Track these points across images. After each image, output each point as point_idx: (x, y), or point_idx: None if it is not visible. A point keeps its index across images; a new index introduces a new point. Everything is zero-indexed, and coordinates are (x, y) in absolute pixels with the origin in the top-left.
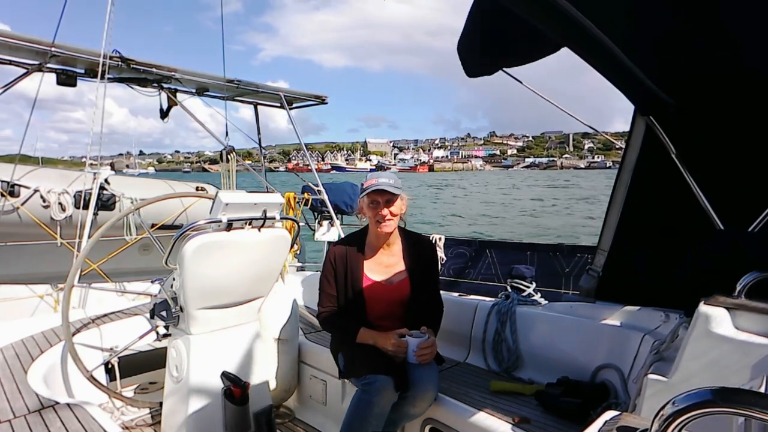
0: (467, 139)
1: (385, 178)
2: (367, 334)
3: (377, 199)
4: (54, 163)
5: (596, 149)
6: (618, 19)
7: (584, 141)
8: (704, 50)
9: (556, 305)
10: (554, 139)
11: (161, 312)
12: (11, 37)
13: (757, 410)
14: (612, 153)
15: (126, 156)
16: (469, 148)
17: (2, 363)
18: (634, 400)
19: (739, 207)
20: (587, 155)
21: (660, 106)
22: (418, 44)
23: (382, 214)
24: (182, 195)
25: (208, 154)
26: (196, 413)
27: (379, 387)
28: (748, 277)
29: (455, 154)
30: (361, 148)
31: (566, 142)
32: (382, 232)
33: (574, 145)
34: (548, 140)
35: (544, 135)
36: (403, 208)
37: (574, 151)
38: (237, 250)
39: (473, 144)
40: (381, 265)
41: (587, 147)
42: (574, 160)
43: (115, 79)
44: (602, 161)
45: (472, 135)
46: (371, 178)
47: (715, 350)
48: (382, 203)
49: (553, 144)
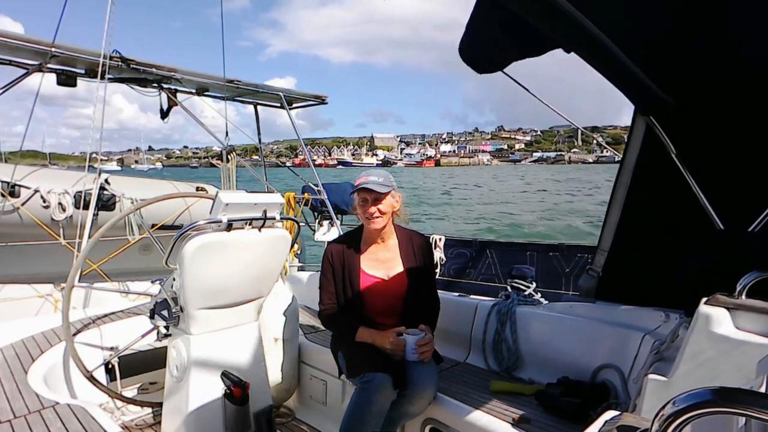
0: (475, 134)
1: (374, 176)
2: (365, 332)
3: (365, 197)
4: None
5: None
6: (618, 19)
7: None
8: (704, 50)
9: (556, 305)
10: (563, 134)
11: (161, 312)
12: (11, 37)
13: (757, 410)
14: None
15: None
16: (477, 143)
17: (2, 363)
18: (634, 400)
19: (739, 207)
20: (596, 149)
21: (660, 106)
22: (427, 39)
23: (370, 212)
24: (182, 195)
25: (215, 149)
26: (197, 413)
27: (377, 385)
28: (748, 277)
29: (462, 149)
30: (367, 143)
31: (575, 136)
32: (372, 229)
33: (582, 139)
34: (557, 134)
35: (552, 129)
36: (395, 205)
37: (582, 146)
38: (237, 250)
39: (481, 138)
40: (377, 261)
41: (596, 141)
42: (583, 154)
43: (115, 79)
44: (611, 155)
45: (479, 129)
46: (362, 175)
47: (715, 350)
48: (370, 201)
49: (561, 138)
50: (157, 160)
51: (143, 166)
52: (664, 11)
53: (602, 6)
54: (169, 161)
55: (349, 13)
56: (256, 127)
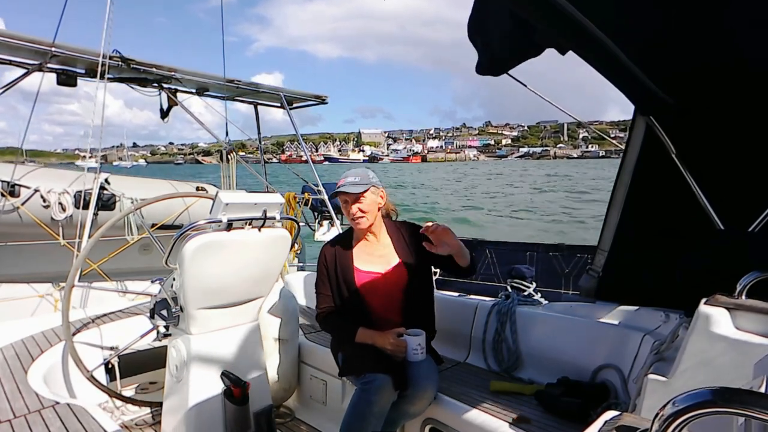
0: (462, 129)
1: (351, 177)
2: (365, 333)
3: (345, 198)
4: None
5: (591, 138)
6: (618, 17)
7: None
8: (705, 49)
9: (556, 305)
10: (549, 129)
11: (161, 312)
12: (11, 37)
13: (757, 410)
14: (606, 143)
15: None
16: (464, 138)
17: (2, 363)
18: (634, 400)
19: (739, 207)
20: (581, 144)
21: (660, 106)
22: (414, 35)
23: (352, 213)
24: (182, 195)
25: (202, 146)
26: (196, 413)
27: (378, 386)
28: (748, 277)
29: (449, 144)
30: (354, 138)
31: (561, 131)
32: (358, 229)
33: (568, 135)
34: (543, 130)
35: (539, 124)
36: (380, 202)
37: (568, 141)
38: (237, 250)
39: (468, 134)
40: (373, 257)
41: (581, 137)
42: (568, 149)
43: (115, 79)
44: (595, 151)
45: (467, 125)
46: (341, 177)
47: (715, 350)
48: (350, 202)
49: (547, 134)
50: (141, 157)
51: (126, 162)
52: (664, 10)
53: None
54: (153, 158)
55: (336, 8)
56: (247, 121)
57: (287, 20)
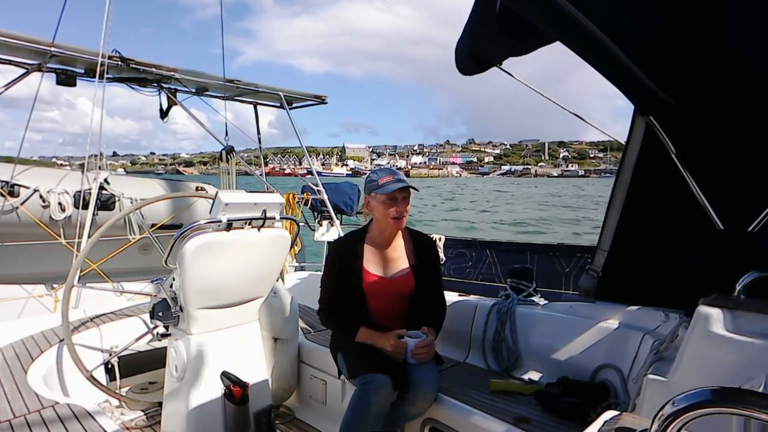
0: (446, 146)
1: (397, 174)
2: (366, 333)
3: (396, 195)
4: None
5: (571, 158)
6: (617, 17)
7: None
8: (705, 49)
9: (556, 305)
10: (530, 148)
11: (161, 312)
12: (11, 37)
13: (756, 410)
14: (585, 162)
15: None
16: (448, 155)
17: (2, 363)
18: (634, 400)
19: (739, 207)
20: (561, 164)
21: (660, 106)
22: (399, 53)
23: (399, 211)
24: (182, 195)
25: (183, 156)
26: (196, 413)
27: (377, 386)
28: (747, 277)
29: (433, 161)
30: (338, 152)
31: (542, 150)
32: (397, 228)
33: (549, 154)
34: (525, 148)
35: (521, 143)
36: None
37: (549, 160)
38: (237, 250)
39: (451, 151)
40: (383, 260)
41: (562, 156)
42: (549, 168)
43: (114, 79)
44: (575, 170)
45: (451, 142)
46: (385, 175)
47: (714, 350)
48: (400, 199)
49: (529, 152)
50: (121, 166)
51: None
52: (664, 10)
53: (601, 5)
54: (133, 167)
55: (323, 24)
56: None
57: (274, 34)
